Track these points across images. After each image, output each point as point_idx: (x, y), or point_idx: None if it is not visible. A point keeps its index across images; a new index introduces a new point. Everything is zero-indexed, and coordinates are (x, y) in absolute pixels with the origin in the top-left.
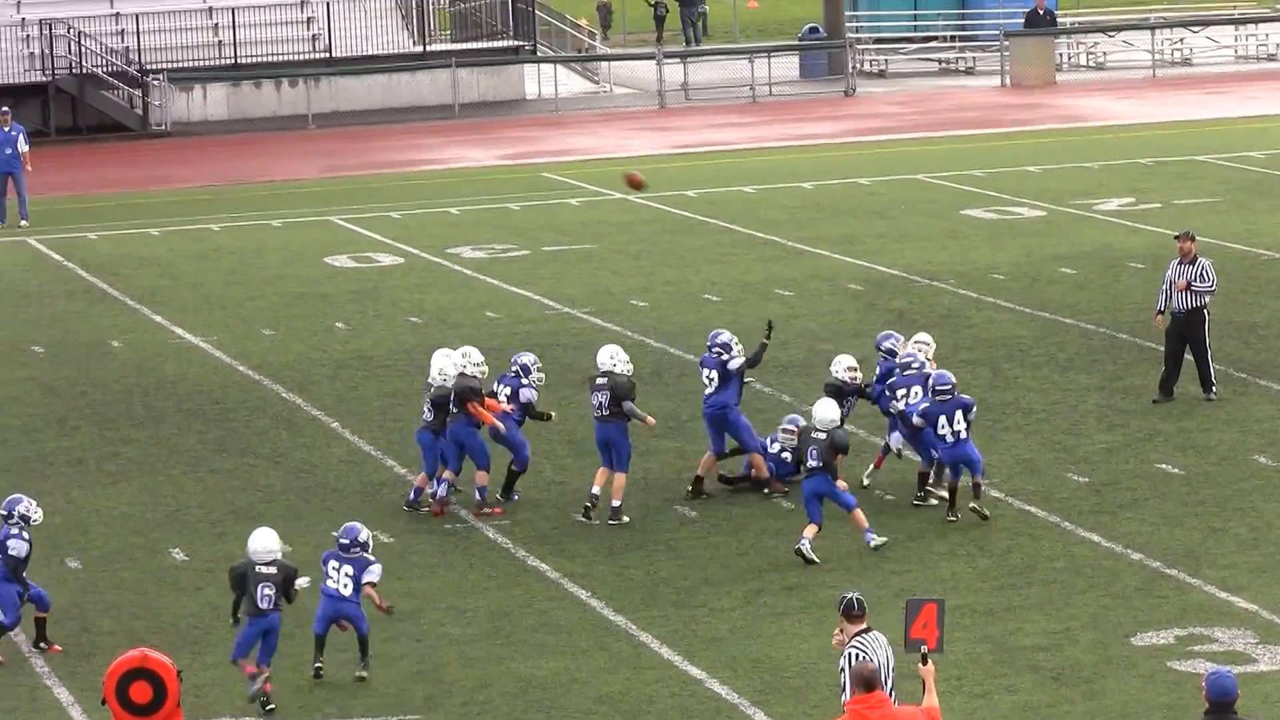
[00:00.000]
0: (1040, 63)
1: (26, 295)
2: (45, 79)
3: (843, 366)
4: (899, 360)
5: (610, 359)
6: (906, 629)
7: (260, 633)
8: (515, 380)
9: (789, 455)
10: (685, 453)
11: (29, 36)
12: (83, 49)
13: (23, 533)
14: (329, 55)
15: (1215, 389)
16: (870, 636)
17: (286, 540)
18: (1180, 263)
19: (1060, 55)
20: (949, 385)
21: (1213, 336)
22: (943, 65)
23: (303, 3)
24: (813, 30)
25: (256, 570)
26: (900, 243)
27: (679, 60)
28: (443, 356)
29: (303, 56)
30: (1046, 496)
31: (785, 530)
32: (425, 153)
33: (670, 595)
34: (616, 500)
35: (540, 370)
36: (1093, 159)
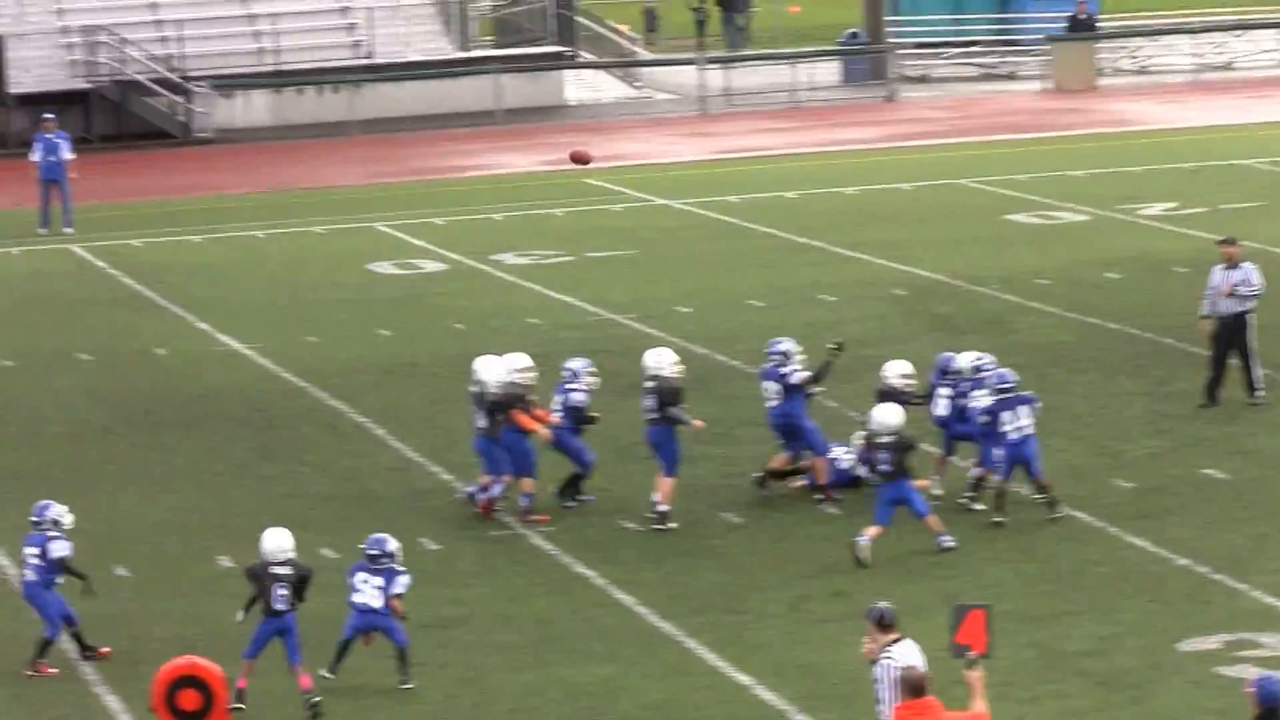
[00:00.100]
0: (1082, 67)
1: (71, 303)
2: (88, 86)
3: (896, 372)
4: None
5: (654, 362)
6: (953, 634)
7: (274, 633)
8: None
9: (854, 464)
10: (731, 459)
11: (71, 44)
12: (125, 56)
13: (60, 535)
14: (371, 61)
15: (1261, 393)
16: (904, 644)
17: (334, 548)
18: (1224, 267)
19: (1102, 59)
20: (1011, 383)
21: (1258, 340)
22: (984, 70)
23: (345, 9)
24: (854, 35)
25: (271, 570)
26: (944, 248)
27: (720, 65)
28: (485, 363)
29: (345, 63)
30: (1092, 501)
31: (832, 536)
32: (467, 159)
33: (717, 602)
34: (664, 505)
35: (593, 374)
36: (1136, 163)
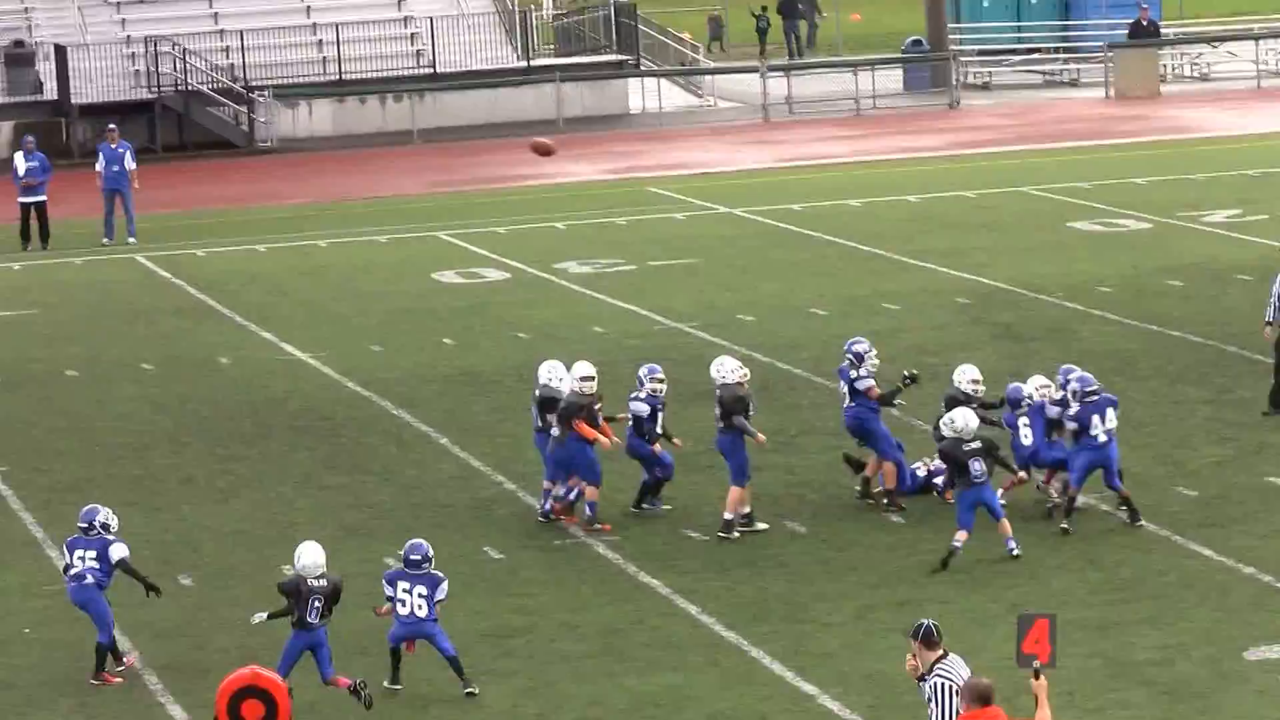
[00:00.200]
0: (1144, 74)
1: (135, 312)
2: (151, 96)
3: (967, 379)
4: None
5: (716, 372)
6: (1019, 644)
7: (306, 647)
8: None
9: (927, 471)
10: (793, 468)
11: (134, 54)
12: (188, 66)
13: (116, 537)
14: (433, 71)
15: None
16: (951, 660)
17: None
18: None
19: (1164, 66)
20: (1095, 386)
21: None
22: (1046, 77)
23: (407, 18)
24: (916, 43)
25: (308, 584)
26: (1006, 256)
27: (782, 74)
28: (549, 367)
29: (407, 72)
30: (1156, 510)
31: (896, 545)
32: (530, 167)
33: (781, 611)
34: (729, 513)
35: (657, 380)
36: (1198, 170)
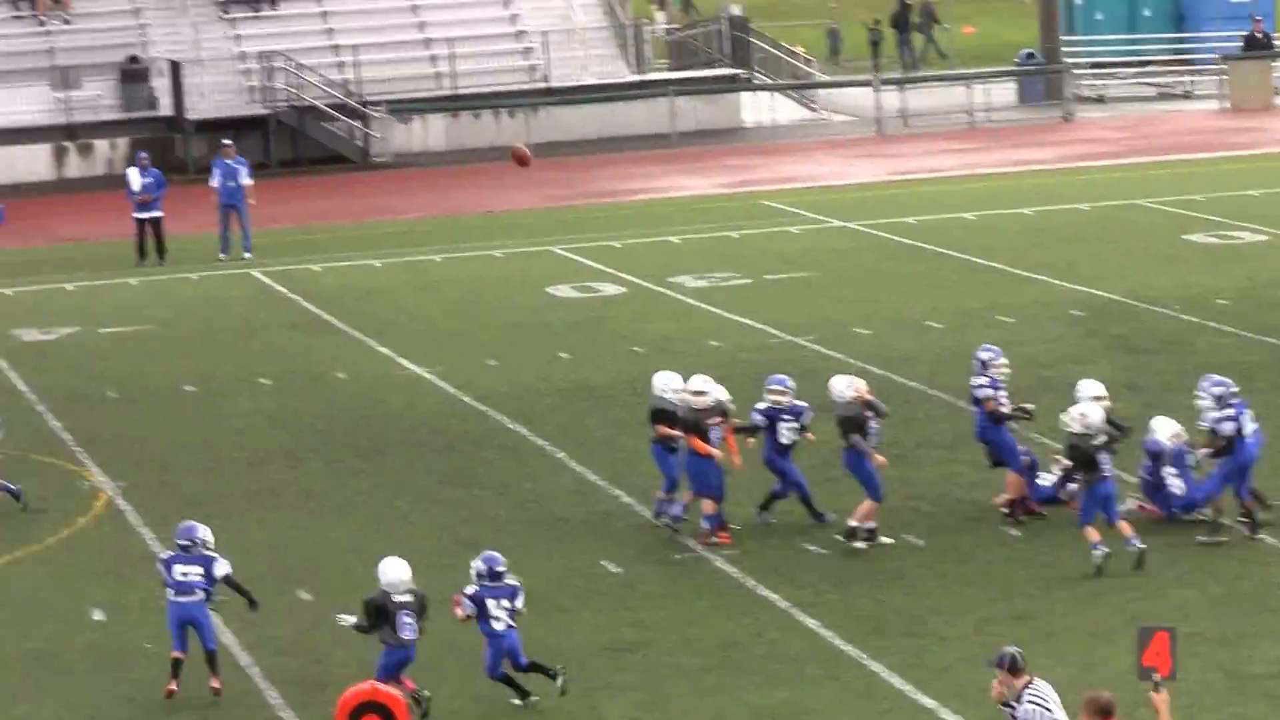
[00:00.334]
0: (1258, 86)
1: (251, 328)
2: (266, 112)
3: (1089, 394)
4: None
5: (834, 391)
6: (1139, 657)
7: (401, 662)
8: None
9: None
10: (910, 481)
11: (249, 70)
12: (302, 81)
13: (217, 553)
14: (547, 85)
15: None
16: (1039, 685)
17: (516, 571)
18: None
19: (1278, 78)
20: (1234, 387)
21: None
22: (1160, 89)
23: (520, 33)
24: (1030, 56)
25: (394, 600)
26: (1121, 268)
27: (896, 87)
28: (662, 378)
29: (521, 86)
30: (1276, 523)
31: (1013, 558)
32: (644, 181)
33: (900, 624)
34: (854, 520)
35: (775, 392)
36: None
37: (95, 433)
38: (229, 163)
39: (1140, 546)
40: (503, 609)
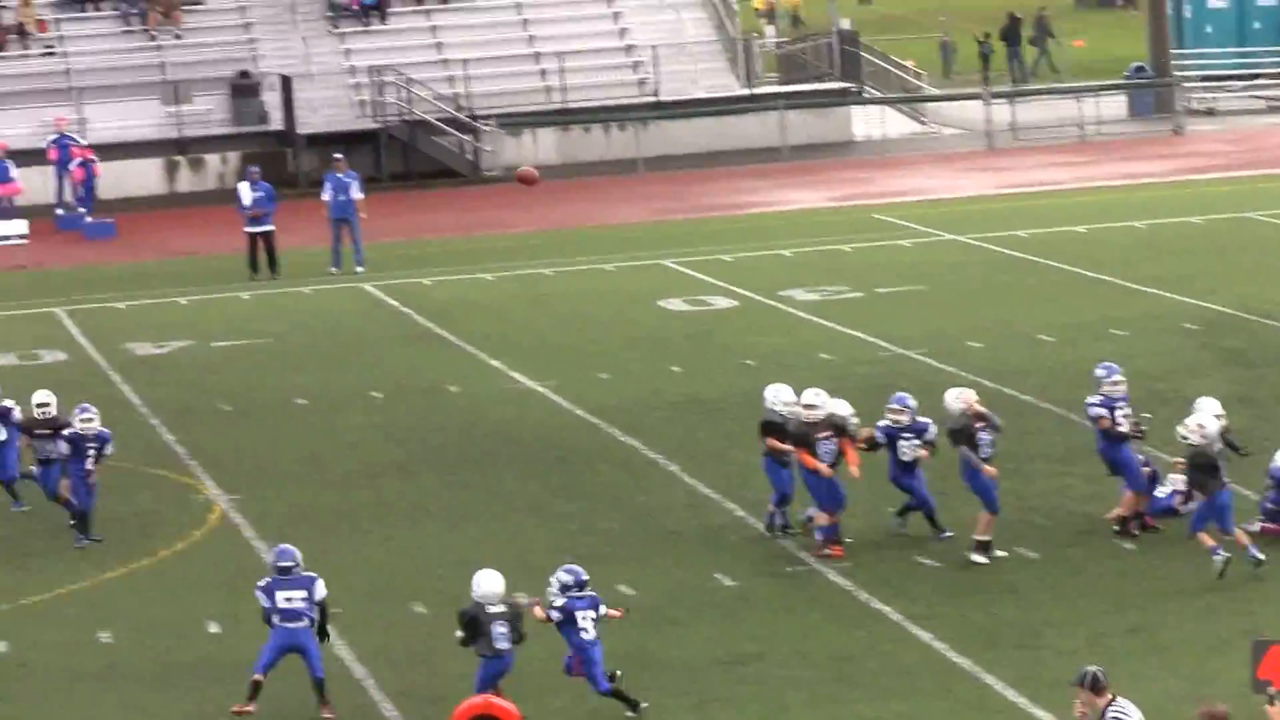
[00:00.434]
0: None
1: (364, 341)
2: (377, 126)
3: (1209, 412)
4: None
5: (947, 402)
6: (1253, 670)
7: (498, 673)
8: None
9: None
10: (1023, 494)
11: (359, 84)
12: (412, 95)
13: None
14: (657, 99)
15: None
16: (1122, 704)
17: (630, 584)
18: None
19: None
20: None
21: None
22: (1270, 103)
23: (629, 47)
24: (1139, 69)
25: (488, 611)
26: (1234, 281)
27: (1006, 100)
28: (772, 390)
29: (631, 100)
30: None
31: (1127, 571)
32: (754, 195)
33: (1013, 637)
34: (978, 534)
35: (892, 411)
36: None
37: (207, 446)
38: (340, 177)
39: (1260, 556)
40: (589, 620)
